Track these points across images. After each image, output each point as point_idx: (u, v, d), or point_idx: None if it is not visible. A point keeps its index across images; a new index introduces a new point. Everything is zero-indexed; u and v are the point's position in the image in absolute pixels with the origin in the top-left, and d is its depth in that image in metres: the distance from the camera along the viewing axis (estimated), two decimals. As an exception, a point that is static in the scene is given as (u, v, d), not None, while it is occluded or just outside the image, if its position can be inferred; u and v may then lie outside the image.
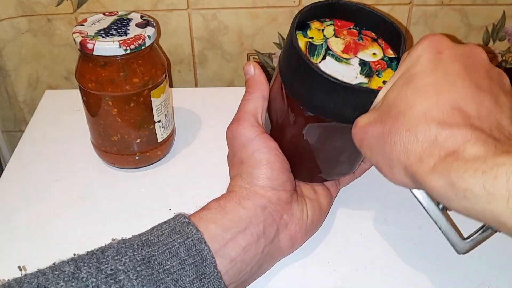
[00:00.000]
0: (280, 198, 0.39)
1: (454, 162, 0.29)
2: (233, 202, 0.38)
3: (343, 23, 0.40)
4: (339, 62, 0.37)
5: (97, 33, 0.45)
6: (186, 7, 0.63)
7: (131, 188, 0.49)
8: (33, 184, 0.50)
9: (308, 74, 0.35)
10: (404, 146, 0.31)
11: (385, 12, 0.40)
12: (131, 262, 0.33)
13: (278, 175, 0.39)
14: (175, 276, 0.33)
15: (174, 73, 0.69)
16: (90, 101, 0.47)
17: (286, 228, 0.39)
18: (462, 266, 0.41)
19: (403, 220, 0.45)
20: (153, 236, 0.35)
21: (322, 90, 0.35)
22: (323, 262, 0.42)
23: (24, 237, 0.44)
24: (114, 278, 0.32)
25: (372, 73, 0.37)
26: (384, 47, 0.39)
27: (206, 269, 0.34)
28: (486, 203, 0.27)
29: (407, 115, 0.31)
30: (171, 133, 0.53)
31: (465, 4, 0.63)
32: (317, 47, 0.38)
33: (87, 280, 0.32)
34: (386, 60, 0.38)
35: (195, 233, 0.35)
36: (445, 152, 0.29)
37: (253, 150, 0.39)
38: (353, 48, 0.38)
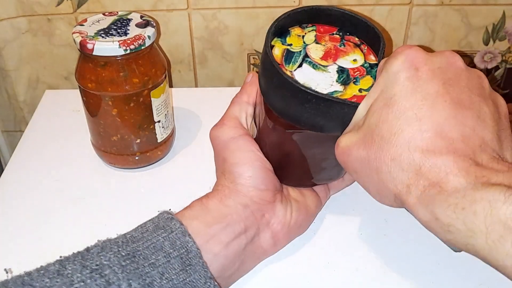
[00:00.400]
0: (262, 197, 0.39)
1: (437, 195, 0.29)
2: (215, 200, 0.38)
3: (326, 29, 0.39)
4: (315, 69, 0.36)
5: (97, 33, 0.45)
6: (186, 7, 0.63)
7: (131, 188, 0.49)
8: (33, 184, 0.50)
9: (280, 82, 0.35)
10: (390, 175, 0.32)
11: (384, 12, 0.40)
12: (116, 258, 0.33)
13: (259, 174, 0.39)
14: (161, 269, 0.33)
15: (174, 73, 0.69)
16: (90, 101, 0.47)
17: (268, 227, 0.40)
18: (462, 266, 0.41)
19: (403, 220, 0.45)
20: (137, 233, 0.36)
21: (293, 98, 0.35)
22: (323, 262, 0.42)
23: (24, 237, 0.44)
24: (99, 273, 0.32)
25: (349, 80, 0.36)
26: (366, 52, 0.38)
27: (191, 260, 0.34)
28: (467, 237, 0.28)
29: (391, 143, 0.31)
30: (171, 133, 0.53)
31: (465, 4, 0.63)
32: (295, 54, 0.37)
33: (72, 276, 0.32)
34: (367, 67, 0.37)
35: (178, 227, 0.35)
36: (429, 183, 0.30)
37: (234, 148, 0.40)
38: (333, 54, 0.37)
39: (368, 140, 0.33)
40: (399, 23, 0.64)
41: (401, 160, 0.31)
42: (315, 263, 0.42)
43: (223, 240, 0.37)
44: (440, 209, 0.29)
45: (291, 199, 0.42)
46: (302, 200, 0.43)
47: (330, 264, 0.42)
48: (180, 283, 0.34)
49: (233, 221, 0.38)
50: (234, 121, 0.41)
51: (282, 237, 0.41)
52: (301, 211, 0.42)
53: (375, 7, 0.63)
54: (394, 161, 0.31)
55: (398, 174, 0.31)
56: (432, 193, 0.30)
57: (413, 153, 0.30)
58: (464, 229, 0.28)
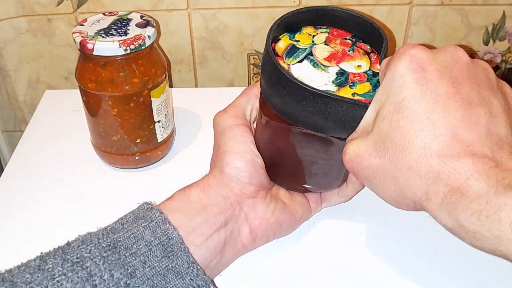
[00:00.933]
0: (243, 190, 0.39)
1: (459, 201, 0.29)
2: (198, 189, 0.39)
3: (339, 33, 0.39)
4: (315, 67, 0.36)
5: (97, 33, 0.45)
6: (186, 7, 0.63)
7: (131, 188, 0.49)
8: (33, 184, 0.50)
9: (272, 70, 0.34)
10: (408, 183, 0.31)
11: (384, 12, 0.40)
12: (97, 249, 0.33)
13: (246, 167, 0.39)
14: (143, 258, 0.33)
15: (174, 73, 0.69)
16: (90, 101, 0.47)
17: (246, 221, 0.40)
18: (462, 266, 0.41)
19: (403, 220, 0.45)
20: (117, 225, 0.36)
21: (281, 88, 0.34)
22: (322, 262, 0.42)
23: (24, 237, 0.44)
24: (80, 266, 0.32)
25: (345, 83, 0.35)
26: (374, 61, 0.37)
27: (173, 247, 0.34)
28: (495, 244, 0.28)
29: (406, 151, 0.31)
30: (171, 133, 0.53)
31: (465, 4, 0.63)
32: (299, 50, 0.37)
33: (53, 270, 0.32)
34: (369, 74, 0.36)
35: (158, 215, 0.36)
36: (449, 188, 0.29)
37: (229, 137, 0.40)
38: (338, 57, 0.37)
39: (381, 147, 0.32)
40: (399, 23, 0.64)
41: (419, 167, 0.30)
42: (315, 263, 0.42)
43: (205, 232, 0.37)
44: (464, 216, 0.28)
45: (277, 199, 0.42)
46: (289, 203, 0.42)
47: (330, 264, 0.42)
48: (162, 270, 0.34)
49: (214, 213, 0.38)
50: (236, 110, 0.41)
51: (260, 233, 0.40)
52: (286, 213, 0.41)
53: (375, 7, 0.63)
54: (411, 169, 0.31)
55: (416, 181, 0.31)
56: (454, 200, 0.29)
57: (430, 159, 0.30)
58: (490, 236, 0.27)
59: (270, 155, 0.40)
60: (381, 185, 0.33)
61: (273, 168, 0.41)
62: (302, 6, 0.62)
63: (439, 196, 0.30)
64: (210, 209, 0.38)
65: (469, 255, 0.42)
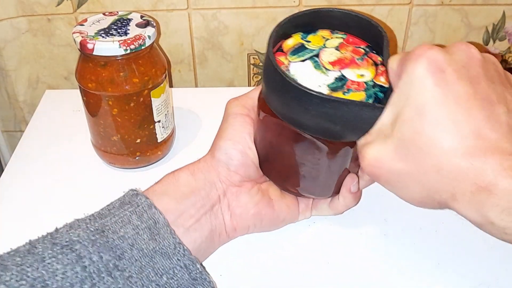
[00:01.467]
0: (229, 177, 0.40)
1: (488, 199, 0.29)
2: (187, 172, 0.40)
3: (355, 41, 0.38)
4: (316, 69, 0.36)
5: (97, 33, 0.45)
6: (186, 7, 0.63)
7: (131, 188, 0.49)
8: (33, 184, 0.50)
9: (269, 66, 0.35)
10: (434, 185, 0.31)
11: (384, 12, 0.40)
12: (85, 233, 0.34)
13: (236, 156, 0.40)
14: (130, 241, 0.34)
15: (174, 73, 0.69)
16: (90, 101, 0.47)
17: (228, 208, 0.40)
18: (462, 266, 0.41)
19: (403, 220, 0.45)
20: (104, 210, 0.37)
21: (274, 83, 0.34)
22: (322, 262, 0.42)
23: (24, 237, 0.44)
24: (70, 248, 0.33)
25: (340, 89, 0.35)
26: (379, 73, 0.36)
27: (160, 230, 0.35)
28: None
29: (432, 154, 0.31)
30: (171, 133, 0.53)
31: (465, 4, 0.63)
32: (306, 50, 0.37)
33: (43, 253, 0.33)
34: (369, 85, 0.35)
35: (144, 200, 0.36)
36: (477, 187, 0.29)
37: (229, 123, 0.40)
38: (344, 63, 0.36)
39: (403, 152, 0.32)
40: (399, 23, 0.64)
41: (446, 170, 0.30)
42: (315, 263, 0.42)
43: (194, 215, 0.38)
44: (493, 214, 0.29)
45: (265, 194, 0.42)
46: (276, 201, 0.42)
47: (330, 264, 0.42)
48: (150, 252, 0.34)
49: (201, 197, 0.38)
50: (248, 100, 0.41)
51: (240, 223, 0.41)
52: (269, 208, 0.42)
53: (375, 7, 0.63)
54: (439, 172, 0.31)
55: (443, 184, 0.31)
56: (482, 198, 0.29)
57: (457, 161, 0.30)
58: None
59: (264, 150, 0.41)
60: (404, 188, 0.33)
61: (267, 163, 0.41)
62: (302, 6, 0.62)
63: (466, 196, 0.30)
64: (197, 193, 0.38)
65: (469, 255, 0.42)
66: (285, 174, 0.41)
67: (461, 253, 0.42)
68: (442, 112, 0.31)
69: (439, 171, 0.31)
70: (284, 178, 0.42)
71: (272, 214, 0.42)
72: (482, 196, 0.29)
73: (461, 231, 0.44)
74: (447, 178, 0.31)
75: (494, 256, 0.42)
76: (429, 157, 0.31)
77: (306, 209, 0.44)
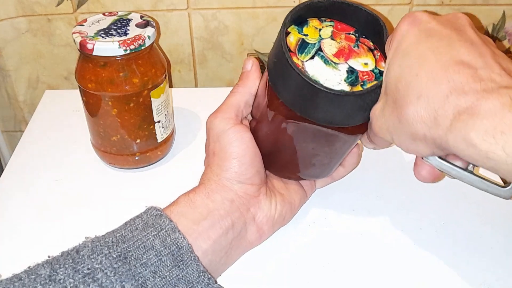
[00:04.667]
0: (247, 191, 0.40)
1: (470, 119, 0.28)
2: (202, 195, 0.39)
3: (343, 27, 0.39)
4: (326, 64, 0.36)
5: (97, 33, 0.45)
6: (186, 7, 0.63)
7: (131, 188, 0.49)
8: (33, 184, 0.50)
9: (287, 70, 0.35)
10: (418, 114, 0.31)
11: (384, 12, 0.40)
12: (108, 260, 0.33)
13: (246, 170, 0.39)
14: (153, 268, 0.34)
15: (174, 73, 0.69)
16: (90, 101, 0.47)
17: (253, 220, 0.40)
18: (462, 266, 0.41)
19: (403, 220, 0.45)
20: (127, 232, 0.36)
21: (297, 89, 0.35)
22: (322, 262, 0.42)
23: (24, 237, 0.44)
24: (92, 277, 0.32)
25: (357, 82, 0.36)
26: (378, 58, 0.38)
27: (183, 256, 0.34)
28: (510, 165, 0.27)
29: (414, 83, 0.31)
30: (171, 133, 0.53)
31: (465, 4, 0.63)
32: (309, 45, 0.37)
33: (64, 281, 0.32)
34: (376, 73, 0.37)
35: (168, 223, 0.36)
36: (459, 109, 0.29)
37: (225, 143, 0.40)
38: (346, 53, 0.37)
39: (394, 93, 0.33)
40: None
41: (427, 95, 0.30)
42: (315, 263, 0.42)
43: (211, 237, 0.37)
44: (475, 134, 0.28)
45: (275, 192, 0.42)
46: (286, 193, 0.43)
47: (330, 264, 0.42)
48: (173, 280, 0.34)
49: (220, 217, 0.38)
50: (228, 110, 0.41)
51: (267, 230, 0.41)
52: (286, 204, 0.42)
53: (375, 7, 0.63)
54: (420, 98, 0.31)
55: (425, 110, 0.31)
56: (464, 119, 0.28)
57: (438, 85, 0.30)
58: (504, 155, 0.27)
59: (270, 148, 0.41)
60: (400, 131, 0.33)
61: (272, 159, 0.41)
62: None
63: (448, 119, 0.29)
64: (216, 213, 0.38)
65: (469, 255, 0.42)
66: (292, 165, 0.42)
67: (461, 253, 0.42)
68: (424, 47, 0.31)
69: (421, 97, 0.31)
70: (290, 168, 0.43)
71: (289, 208, 0.43)
72: (464, 117, 0.29)
73: (461, 231, 0.44)
74: (429, 103, 0.30)
75: (495, 256, 0.42)
76: (412, 86, 0.31)
77: (310, 186, 0.46)
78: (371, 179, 0.49)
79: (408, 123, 0.32)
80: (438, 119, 0.30)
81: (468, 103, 0.29)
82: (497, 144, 0.27)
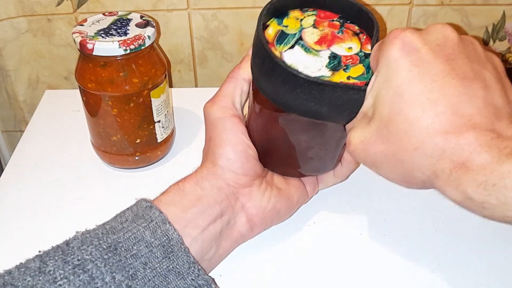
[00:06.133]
0: (238, 181, 0.39)
1: (465, 175, 0.29)
2: (191, 182, 0.39)
3: (326, 15, 0.39)
4: (307, 52, 0.36)
5: (97, 33, 0.45)
6: (186, 7, 0.63)
7: (131, 188, 0.49)
8: (33, 184, 0.50)
9: (264, 59, 0.34)
10: (415, 164, 0.31)
11: (384, 12, 0.40)
12: (98, 251, 0.33)
13: (239, 158, 0.39)
14: (144, 259, 0.34)
15: (174, 73, 0.69)
16: (90, 101, 0.47)
17: (243, 210, 0.40)
18: (462, 266, 0.41)
19: (403, 220, 0.45)
20: (117, 223, 0.36)
21: (275, 77, 0.34)
22: (322, 262, 0.42)
23: (24, 237, 0.44)
24: (82, 268, 0.32)
25: (339, 67, 0.35)
26: (364, 42, 0.37)
27: (173, 248, 0.35)
28: (504, 211, 0.28)
29: (410, 133, 0.31)
30: (171, 133, 0.53)
31: (465, 4, 0.63)
32: (289, 36, 0.37)
33: (54, 272, 0.32)
34: (361, 56, 0.36)
35: (158, 215, 0.36)
36: (454, 165, 0.30)
37: (220, 129, 0.40)
38: (328, 40, 0.37)
39: (384, 133, 0.33)
40: (399, 23, 0.64)
41: (424, 148, 0.31)
42: (315, 263, 0.42)
43: (200, 224, 0.37)
44: (471, 189, 0.29)
45: (272, 185, 0.42)
46: (285, 188, 0.43)
47: (330, 264, 0.42)
48: (163, 271, 0.34)
49: (209, 205, 0.38)
50: (225, 99, 0.41)
51: (258, 221, 0.41)
52: (282, 198, 0.42)
53: (375, 7, 0.63)
54: (417, 150, 0.31)
55: (423, 161, 0.31)
56: (460, 174, 0.30)
57: (434, 138, 0.30)
58: (498, 203, 0.28)
59: (264, 142, 0.41)
60: (388, 168, 0.34)
61: (267, 155, 0.41)
62: None
63: (446, 173, 0.30)
64: (205, 201, 0.38)
65: (469, 256, 0.42)
66: (289, 160, 0.41)
67: (461, 253, 0.42)
68: (418, 90, 0.31)
69: (418, 149, 0.31)
70: (288, 164, 0.42)
71: (286, 203, 0.42)
72: (459, 172, 0.30)
73: (461, 231, 0.44)
74: (426, 156, 0.31)
75: (495, 256, 0.42)
76: (408, 136, 0.31)
77: (313, 185, 0.45)
78: (371, 179, 0.49)
79: (404, 168, 0.32)
80: (437, 172, 0.31)
81: (463, 158, 0.29)
82: (491, 195, 0.28)
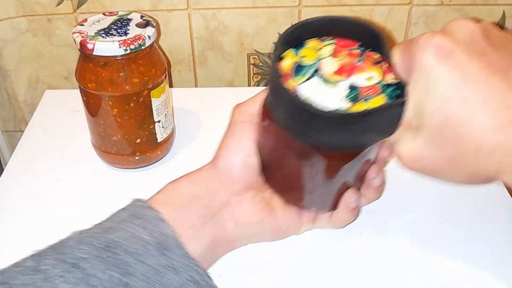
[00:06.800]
0: (231, 187, 0.39)
1: None
2: (187, 182, 0.39)
3: (346, 43, 0.37)
4: (325, 84, 0.35)
5: (97, 33, 0.45)
6: (186, 7, 0.63)
7: (131, 188, 0.49)
8: (33, 184, 0.50)
9: (278, 91, 0.34)
10: (479, 163, 0.31)
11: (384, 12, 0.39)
12: (93, 250, 0.33)
13: (238, 164, 0.39)
14: (139, 257, 0.34)
15: (174, 73, 0.69)
16: (90, 101, 0.47)
17: (232, 217, 0.40)
18: (462, 267, 0.41)
19: (403, 220, 0.45)
20: (112, 223, 0.36)
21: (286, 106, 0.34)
22: (322, 262, 0.42)
23: (24, 237, 0.44)
24: (77, 266, 0.32)
25: (359, 98, 0.34)
26: (385, 70, 0.36)
27: (169, 244, 0.35)
28: None
29: (467, 135, 0.31)
30: (171, 133, 0.53)
31: (465, 4, 0.63)
32: (305, 67, 0.36)
33: (50, 271, 0.32)
34: (382, 85, 0.35)
35: (153, 213, 0.36)
36: None
37: (231, 132, 0.40)
38: (347, 70, 0.35)
39: (440, 141, 0.32)
40: (399, 23, 0.64)
41: (486, 147, 0.31)
42: (315, 264, 0.42)
43: (195, 224, 0.37)
44: None
45: (267, 203, 0.41)
46: (279, 211, 0.41)
47: (330, 264, 0.42)
48: (160, 267, 0.34)
49: (201, 206, 0.38)
50: (252, 104, 0.40)
51: (242, 232, 0.40)
52: (271, 218, 0.41)
53: (375, 7, 0.63)
54: (479, 151, 0.31)
55: (487, 160, 0.31)
56: None
57: (494, 136, 0.30)
58: None
59: (265, 157, 0.40)
60: (450, 173, 0.33)
61: (268, 171, 0.40)
62: (302, 6, 0.62)
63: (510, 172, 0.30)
64: (197, 202, 0.38)
65: (469, 256, 0.42)
66: (285, 183, 0.40)
67: (461, 254, 0.42)
68: (466, 94, 0.31)
69: (479, 150, 0.31)
70: (284, 188, 0.41)
71: (274, 223, 0.41)
72: None
73: (461, 231, 0.44)
74: (489, 155, 0.31)
75: (495, 256, 0.42)
76: (466, 139, 0.31)
77: (308, 221, 0.43)
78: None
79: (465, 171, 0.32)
80: (503, 167, 0.31)
81: None
82: None
